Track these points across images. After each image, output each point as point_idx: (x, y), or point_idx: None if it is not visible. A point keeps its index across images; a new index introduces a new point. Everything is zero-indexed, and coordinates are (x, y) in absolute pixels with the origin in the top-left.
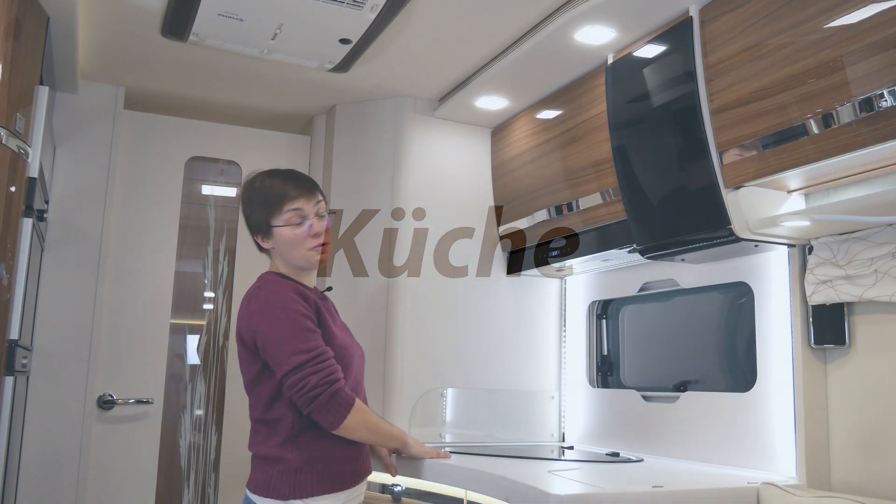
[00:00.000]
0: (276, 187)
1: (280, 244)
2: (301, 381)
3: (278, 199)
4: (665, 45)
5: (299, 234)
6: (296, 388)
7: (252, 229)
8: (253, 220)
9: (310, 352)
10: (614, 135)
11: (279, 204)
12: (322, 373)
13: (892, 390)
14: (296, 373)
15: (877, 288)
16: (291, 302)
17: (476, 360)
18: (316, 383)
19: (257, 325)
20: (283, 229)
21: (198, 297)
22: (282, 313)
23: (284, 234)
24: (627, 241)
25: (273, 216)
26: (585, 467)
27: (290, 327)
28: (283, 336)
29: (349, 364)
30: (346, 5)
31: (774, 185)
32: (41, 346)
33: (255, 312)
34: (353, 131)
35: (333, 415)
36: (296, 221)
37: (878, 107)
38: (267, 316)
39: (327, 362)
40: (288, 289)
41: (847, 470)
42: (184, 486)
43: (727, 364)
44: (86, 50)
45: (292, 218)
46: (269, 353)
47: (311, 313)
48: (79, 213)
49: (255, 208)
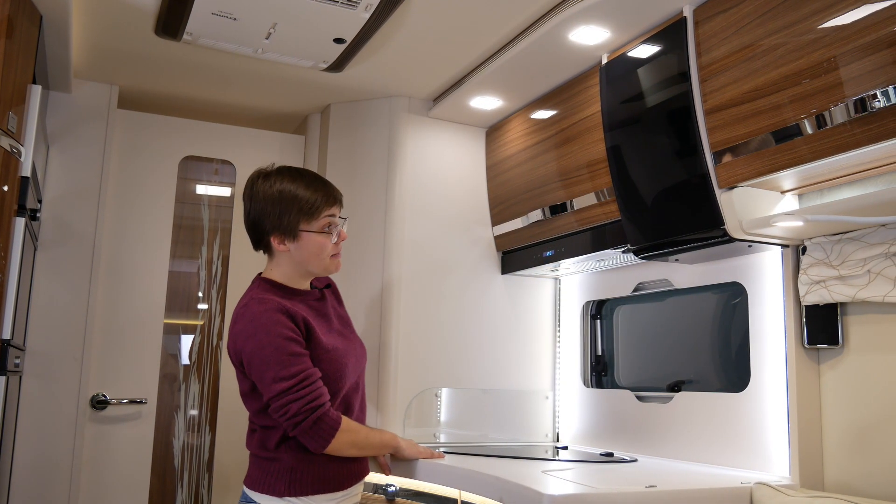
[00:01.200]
0: (312, 191)
1: (303, 250)
2: (283, 407)
3: (317, 204)
4: (659, 45)
5: (327, 243)
6: (279, 414)
7: (272, 229)
8: (280, 221)
9: (293, 377)
10: (608, 135)
11: (317, 210)
12: (304, 399)
13: (885, 390)
14: (278, 399)
15: (870, 288)
16: (275, 325)
17: (470, 360)
18: (297, 410)
19: (242, 348)
20: (313, 235)
21: (192, 297)
22: (265, 337)
23: (315, 240)
24: (621, 241)
25: (307, 221)
26: (579, 467)
27: (272, 352)
28: (266, 361)
29: (341, 374)
30: (340, 5)
31: (768, 186)
32: (34, 345)
33: (240, 335)
34: (347, 131)
35: (318, 440)
36: (327, 230)
37: (871, 107)
38: (250, 340)
39: (311, 387)
40: (272, 309)
41: (840, 470)
42: (177, 487)
43: (721, 364)
44: (79, 49)
45: (326, 225)
46: (255, 377)
47: (296, 335)
48: (72, 212)
49: (287, 209)
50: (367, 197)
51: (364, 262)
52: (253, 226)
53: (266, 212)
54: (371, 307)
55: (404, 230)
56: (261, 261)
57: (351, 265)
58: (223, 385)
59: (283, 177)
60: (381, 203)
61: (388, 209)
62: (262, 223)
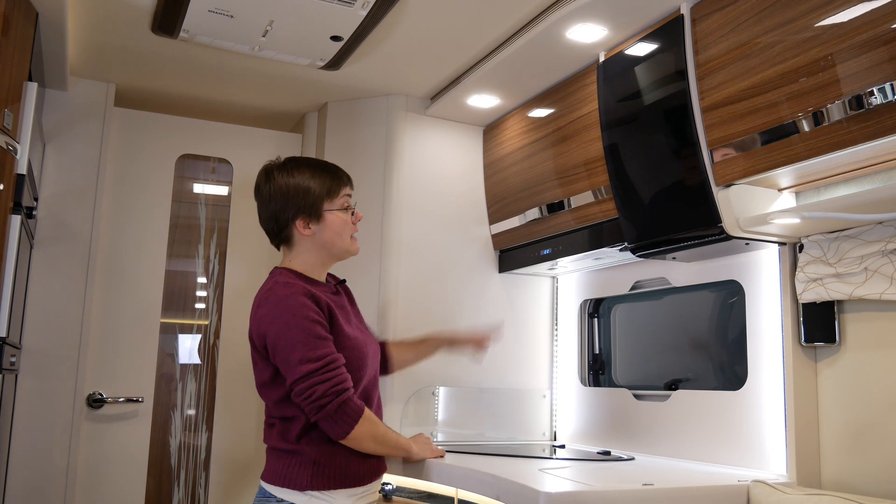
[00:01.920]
0: (327, 174)
1: (327, 230)
2: (308, 389)
3: (335, 182)
4: (656, 43)
5: (348, 220)
6: (303, 397)
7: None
8: (305, 202)
9: (319, 360)
10: (605, 133)
11: (337, 188)
12: (330, 382)
13: (882, 388)
14: (303, 381)
15: (867, 286)
16: (301, 307)
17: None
18: (323, 392)
19: (266, 331)
20: (336, 213)
21: (189, 296)
22: (291, 319)
23: (338, 218)
24: (619, 239)
25: (329, 200)
26: (576, 466)
27: (299, 334)
28: (292, 343)
29: (363, 364)
30: (337, 2)
31: (765, 183)
32: (30, 344)
33: (265, 317)
34: (344, 129)
35: (341, 425)
36: (349, 208)
37: (867, 104)
38: (276, 322)
39: (336, 371)
40: (298, 292)
41: (837, 468)
42: (174, 486)
43: (718, 362)
44: (75, 46)
45: (345, 204)
46: (279, 360)
47: (322, 318)
48: (68, 210)
49: (309, 191)
50: (364, 195)
51: (361, 260)
52: (274, 217)
53: (289, 198)
54: (368, 305)
55: (402, 228)
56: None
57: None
58: (220, 384)
59: (297, 165)
60: (379, 201)
61: (386, 207)
62: (285, 211)
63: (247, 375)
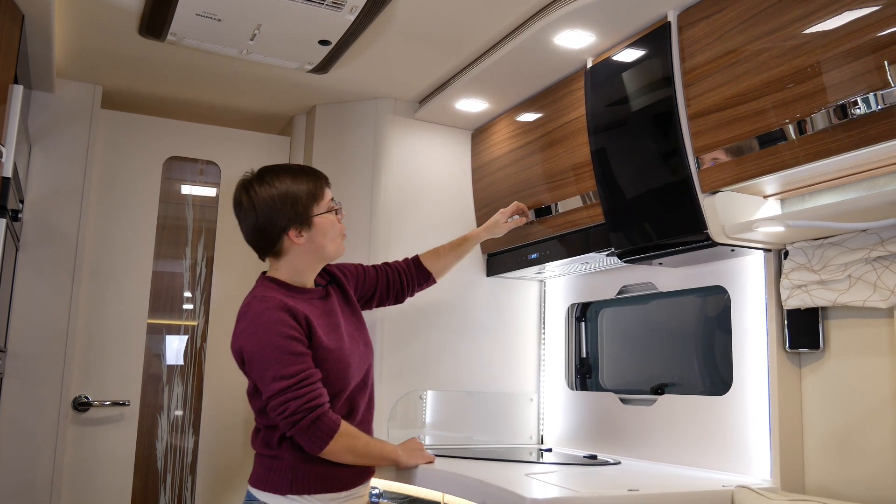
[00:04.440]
0: (308, 177)
1: (318, 235)
2: (281, 406)
3: (318, 187)
4: (643, 49)
5: (336, 220)
6: (277, 412)
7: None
8: (295, 212)
9: (293, 376)
10: (593, 138)
11: (321, 192)
12: (303, 399)
13: (865, 394)
14: (277, 397)
15: (850, 293)
16: (277, 323)
17: (455, 362)
18: (296, 409)
19: (243, 346)
20: (325, 217)
21: (176, 298)
22: (266, 336)
23: (327, 220)
24: (606, 244)
25: (315, 205)
26: (563, 470)
27: (273, 351)
28: (267, 360)
29: (344, 375)
30: (325, 7)
31: (750, 190)
32: (15, 347)
33: (241, 333)
34: (333, 132)
35: (315, 441)
36: (334, 207)
37: (852, 114)
38: (252, 338)
39: (310, 387)
40: (275, 307)
41: (821, 473)
42: (160, 489)
43: (704, 367)
44: (62, 48)
45: (332, 205)
46: (255, 376)
47: (298, 333)
48: (55, 212)
49: (297, 199)
50: (352, 198)
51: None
52: (262, 231)
53: (277, 209)
54: None
55: (390, 231)
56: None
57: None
58: (207, 387)
59: (276, 174)
60: (367, 204)
61: (374, 210)
62: (274, 223)
63: (233, 379)
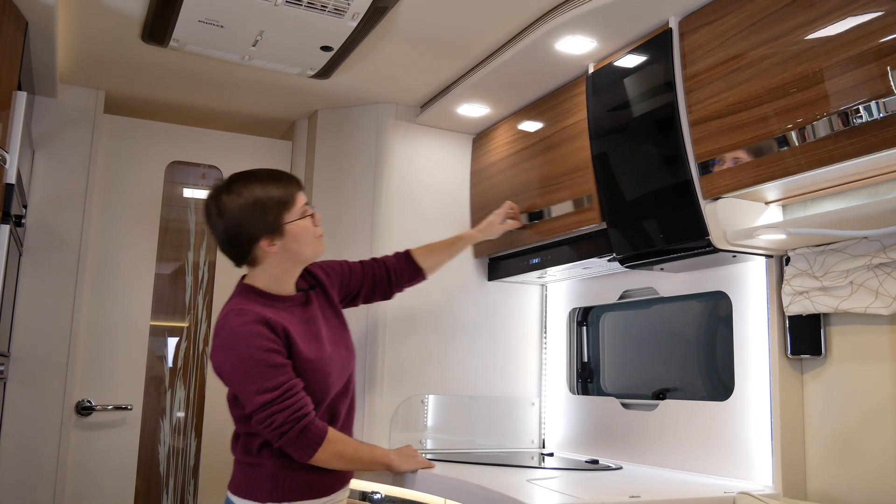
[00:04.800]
0: (278, 184)
1: (293, 241)
2: (268, 418)
3: (289, 194)
4: (645, 55)
5: (310, 225)
6: (264, 425)
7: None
8: (265, 221)
9: (276, 389)
10: (594, 144)
11: (292, 199)
12: (289, 410)
13: (867, 400)
14: (262, 410)
15: (852, 300)
16: (255, 337)
17: (457, 367)
18: (283, 421)
19: (222, 362)
20: (298, 223)
21: (178, 301)
22: (245, 350)
23: (301, 226)
24: (607, 249)
25: (286, 213)
26: (564, 476)
27: (253, 366)
28: (248, 375)
29: (325, 384)
30: (326, 13)
31: (752, 197)
32: (19, 352)
33: (219, 349)
34: (334, 137)
35: (304, 449)
36: (308, 213)
37: (853, 121)
38: (230, 354)
39: (295, 397)
40: (251, 320)
41: (822, 479)
42: (163, 493)
43: (705, 373)
44: (65, 54)
45: (306, 210)
46: (237, 391)
47: (277, 345)
48: (58, 217)
49: (267, 208)
50: (354, 202)
51: None
52: (233, 240)
53: (246, 219)
54: (358, 313)
55: (392, 236)
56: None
57: None
58: (209, 390)
59: (244, 183)
60: (369, 208)
61: (375, 214)
62: (245, 232)
63: None
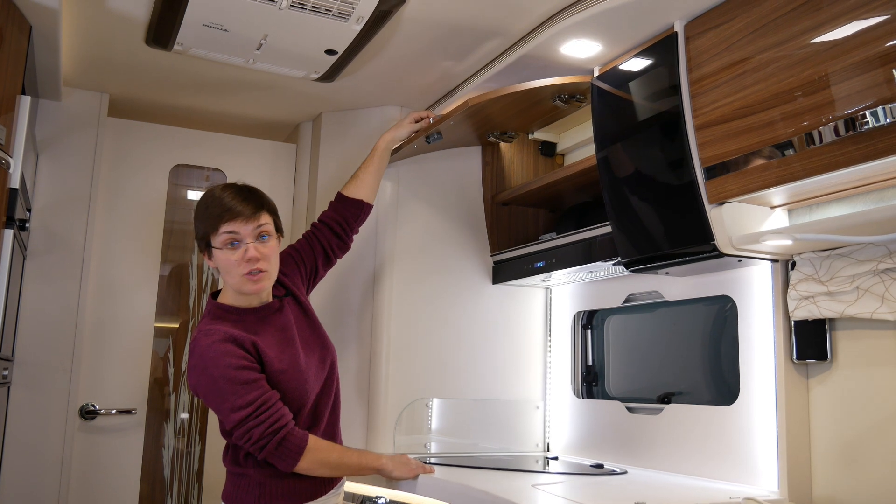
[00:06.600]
0: (220, 203)
1: (219, 265)
2: (246, 434)
3: (216, 217)
4: (650, 59)
5: (231, 260)
6: (243, 441)
7: (198, 246)
8: (197, 234)
9: (250, 405)
10: (599, 147)
11: (216, 223)
12: (265, 424)
13: (873, 406)
14: (239, 427)
15: (858, 305)
16: (224, 356)
17: (461, 370)
18: (260, 435)
19: (196, 383)
20: (218, 252)
21: (182, 304)
22: (216, 370)
23: (221, 256)
24: (612, 253)
25: (213, 235)
26: (569, 480)
27: (225, 384)
28: (221, 394)
29: (302, 391)
30: (331, 17)
31: (758, 202)
32: (23, 356)
33: (192, 370)
34: (339, 140)
35: (285, 460)
36: (230, 246)
37: (860, 127)
38: (203, 374)
39: (270, 410)
40: (219, 340)
41: (828, 484)
42: (167, 497)
43: (710, 377)
44: (69, 58)
45: (227, 240)
46: (214, 410)
47: (248, 360)
48: (62, 221)
49: (199, 222)
50: None
51: (354, 271)
52: None
53: (194, 225)
54: (362, 317)
55: (395, 239)
56: None
57: (341, 275)
58: None
59: (217, 190)
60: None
61: (379, 218)
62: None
63: None
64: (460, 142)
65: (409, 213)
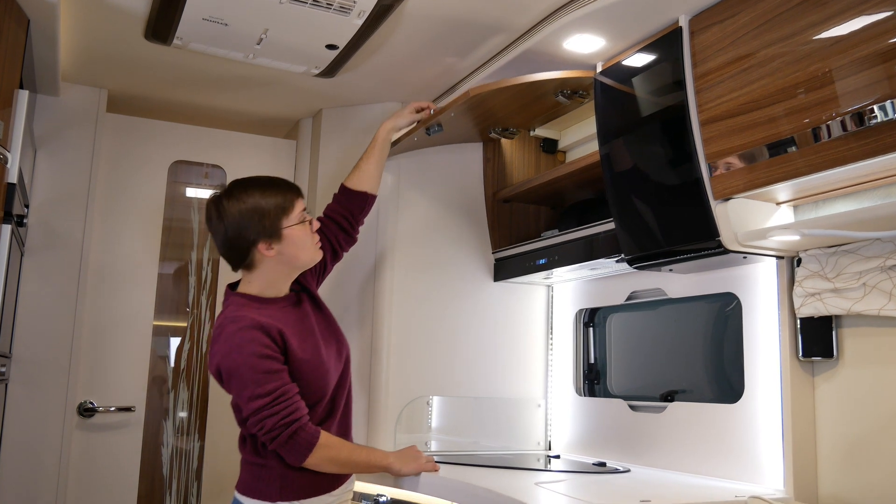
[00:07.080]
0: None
1: (290, 246)
2: (259, 423)
3: (287, 200)
4: (654, 54)
5: (308, 233)
6: (256, 429)
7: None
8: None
9: (268, 395)
10: (603, 143)
11: (290, 204)
12: (279, 415)
13: (879, 404)
14: (254, 416)
15: (865, 302)
16: (250, 343)
17: (462, 368)
18: (272, 426)
19: (219, 367)
20: (296, 228)
21: (181, 301)
22: (240, 357)
23: (298, 233)
24: (615, 250)
25: (284, 217)
26: (572, 479)
27: (247, 372)
28: (243, 381)
29: (323, 382)
30: (332, 11)
31: (763, 198)
32: (20, 353)
33: (216, 355)
34: (339, 136)
35: (294, 454)
36: (306, 219)
37: (867, 122)
38: (227, 359)
39: (285, 402)
40: (246, 326)
41: (834, 483)
42: (166, 495)
43: (714, 375)
44: (68, 52)
45: (304, 216)
46: (234, 396)
47: (272, 350)
48: (60, 217)
49: (267, 213)
50: None
51: (355, 268)
52: (233, 245)
53: (244, 224)
54: (362, 314)
55: (396, 235)
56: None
57: (341, 272)
58: (212, 392)
59: (244, 188)
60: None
61: (380, 215)
62: (244, 237)
63: None
64: (461, 137)
65: (409, 210)
